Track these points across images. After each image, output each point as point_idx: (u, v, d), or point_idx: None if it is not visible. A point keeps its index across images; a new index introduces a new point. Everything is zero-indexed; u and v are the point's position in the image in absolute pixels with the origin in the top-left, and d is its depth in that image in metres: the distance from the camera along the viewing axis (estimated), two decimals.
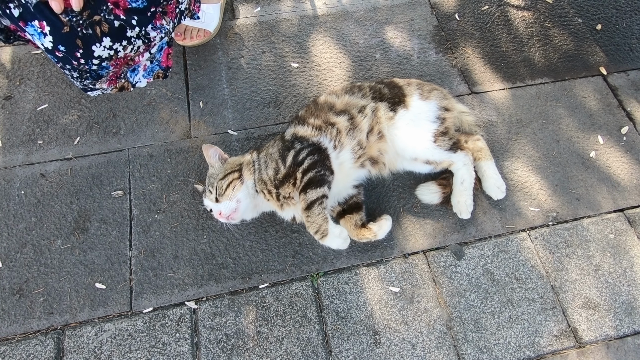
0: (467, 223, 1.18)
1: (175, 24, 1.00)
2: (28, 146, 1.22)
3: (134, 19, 0.83)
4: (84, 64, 0.82)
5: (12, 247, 1.09)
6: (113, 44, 0.82)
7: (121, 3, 0.80)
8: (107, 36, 0.80)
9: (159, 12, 0.89)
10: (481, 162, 1.18)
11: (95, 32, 0.78)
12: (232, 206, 1.01)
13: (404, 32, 1.49)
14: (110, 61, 0.85)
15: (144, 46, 0.91)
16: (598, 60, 1.47)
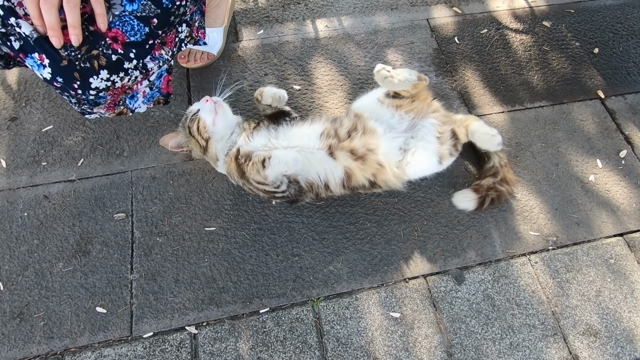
0: (467, 247, 1.18)
1: (174, 53, 1.02)
2: (32, 167, 1.24)
3: (132, 52, 0.84)
4: (81, 94, 0.84)
5: (14, 269, 1.10)
6: (110, 76, 0.83)
7: (120, 37, 0.82)
8: (105, 69, 0.82)
9: (158, 43, 0.91)
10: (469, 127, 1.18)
11: (93, 66, 0.80)
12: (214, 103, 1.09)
13: (404, 54, 1.51)
14: (107, 91, 0.87)
15: (142, 75, 0.92)
16: (596, 84, 1.49)
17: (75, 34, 0.75)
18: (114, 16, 0.80)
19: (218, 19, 1.41)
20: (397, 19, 1.59)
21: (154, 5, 0.82)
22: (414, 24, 1.59)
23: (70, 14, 0.73)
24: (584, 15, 1.65)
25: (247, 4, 1.59)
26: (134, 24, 0.82)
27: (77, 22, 0.74)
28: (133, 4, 0.81)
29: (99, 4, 0.75)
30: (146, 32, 0.84)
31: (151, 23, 0.84)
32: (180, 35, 1.01)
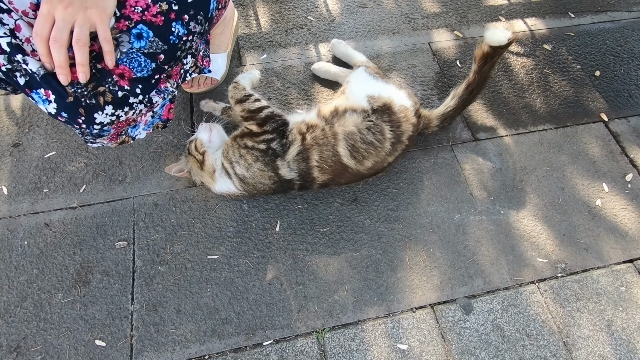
0: (474, 275, 1.16)
1: (179, 84, 1.02)
2: (34, 194, 1.23)
3: (138, 87, 0.85)
4: (85, 128, 0.84)
5: (12, 301, 1.07)
6: (115, 111, 0.84)
7: (126, 74, 0.82)
8: (110, 104, 0.82)
9: (164, 77, 0.91)
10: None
11: (99, 102, 0.80)
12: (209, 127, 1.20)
13: (406, 78, 1.52)
14: (111, 125, 0.87)
15: (147, 109, 0.93)
16: (598, 107, 1.50)
17: (84, 72, 0.75)
18: (121, 53, 0.81)
19: (222, 44, 1.42)
20: (399, 42, 1.61)
21: (161, 41, 0.83)
22: (416, 47, 1.60)
23: (79, 53, 0.73)
24: (584, 38, 1.67)
25: (250, 29, 1.61)
26: (141, 60, 0.82)
27: (86, 61, 0.75)
28: (140, 41, 0.81)
29: (107, 43, 0.76)
30: (153, 67, 0.84)
31: (158, 59, 0.84)
32: (185, 67, 1.01)
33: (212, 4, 0.91)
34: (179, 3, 0.83)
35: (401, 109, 1.18)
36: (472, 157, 1.36)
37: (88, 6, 0.73)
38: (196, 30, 0.89)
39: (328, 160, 1.11)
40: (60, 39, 0.72)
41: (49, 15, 0.72)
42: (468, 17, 1.70)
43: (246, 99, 1.16)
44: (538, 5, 1.76)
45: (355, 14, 1.68)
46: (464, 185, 1.30)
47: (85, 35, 0.74)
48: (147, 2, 0.81)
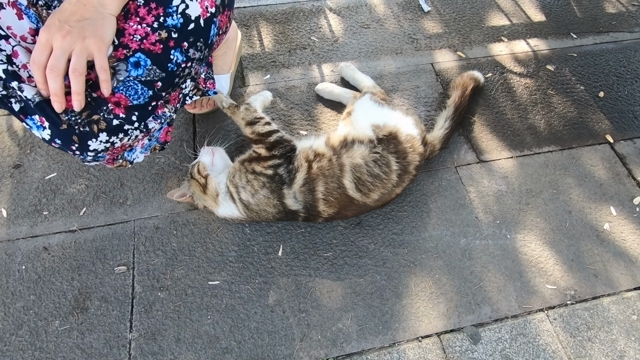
0: (481, 302, 1.13)
1: (178, 109, 1.01)
2: (33, 217, 1.21)
3: (134, 115, 0.84)
4: (79, 155, 0.83)
5: (8, 328, 1.05)
6: (110, 138, 0.83)
7: (122, 102, 0.81)
8: (104, 132, 0.81)
9: (161, 103, 0.90)
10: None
11: (92, 130, 0.80)
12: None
13: (410, 99, 1.52)
14: (106, 152, 0.86)
15: (143, 134, 0.92)
16: (603, 128, 1.49)
17: (78, 100, 0.75)
18: (118, 81, 0.80)
19: (225, 65, 1.42)
20: (402, 63, 1.61)
21: (159, 69, 0.82)
22: (419, 68, 1.60)
23: (75, 82, 0.73)
24: (586, 59, 1.67)
25: (254, 49, 1.62)
26: (138, 88, 0.82)
27: (81, 90, 0.74)
28: (138, 70, 0.81)
29: (104, 72, 0.75)
30: (150, 95, 0.84)
31: (155, 86, 0.84)
32: (184, 91, 1.01)
33: (212, 31, 0.90)
34: (178, 31, 0.82)
35: (408, 138, 1.17)
36: (476, 180, 1.34)
37: (86, 35, 0.73)
38: (195, 57, 0.89)
39: (333, 192, 1.10)
40: (57, 67, 0.72)
41: (47, 44, 0.72)
42: (471, 37, 1.71)
43: (257, 121, 1.17)
44: (540, 26, 1.77)
45: (358, 34, 1.68)
46: (470, 208, 1.29)
47: (82, 65, 0.73)
48: (146, 31, 0.80)
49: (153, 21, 0.80)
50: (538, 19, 1.79)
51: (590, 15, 1.82)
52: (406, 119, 1.23)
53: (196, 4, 0.83)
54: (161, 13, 0.80)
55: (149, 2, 0.80)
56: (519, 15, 1.80)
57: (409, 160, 1.16)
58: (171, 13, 0.81)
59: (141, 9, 0.80)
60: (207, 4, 0.85)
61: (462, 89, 1.40)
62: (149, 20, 0.80)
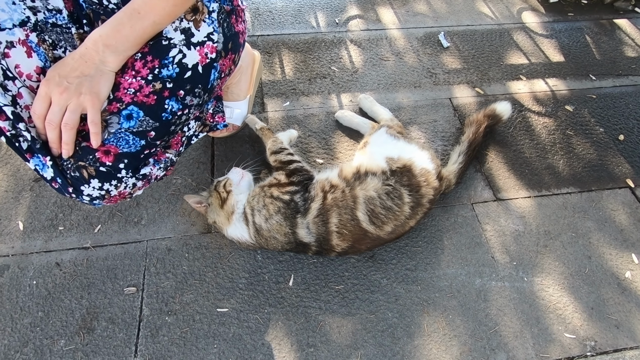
0: (497, 348, 1.09)
1: (182, 151, 1.03)
2: (48, 232, 1.22)
3: (122, 162, 0.84)
4: (76, 198, 0.85)
5: (13, 345, 1.04)
6: (102, 185, 0.84)
7: (112, 150, 0.83)
8: (95, 178, 0.83)
9: (160, 149, 0.92)
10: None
11: (82, 175, 0.81)
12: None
13: (427, 132, 1.52)
14: (102, 200, 0.87)
15: (142, 182, 0.92)
16: (624, 172, 1.46)
17: (67, 150, 0.79)
18: (109, 133, 0.82)
19: (241, 92, 1.44)
20: (420, 97, 1.63)
21: (152, 120, 0.84)
22: (437, 102, 1.61)
23: (66, 134, 0.78)
24: (606, 101, 1.67)
25: (275, 76, 1.65)
26: (129, 139, 0.84)
27: (71, 141, 0.79)
28: (130, 122, 0.83)
29: (94, 126, 0.79)
30: (142, 144, 0.85)
31: (148, 136, 0.85)
32: (187, 134, 1.02)
33: (212, 75, 0.90)
34: (174, 80, 0.84)
35: (422, 172, 1.17)
36: (493, 218, 1.32)
37: (83, 92, 0.77)
38: (193, 104, 0.90)
39: (347, 225, 1.08)
40: (54, 122, 0.77)
41: (46, 96, 0.77)
42: (489, 74, 1.73)
43: (281, 151, 1.25)
44: (559, 66, 1.78)
45: (377, 66, 1.71)
46: (486, 247, 1.26)
47: (74, 120, 0.78)
48: (140, 84, 0.82)
49: (148, 74, 0.82)
50: (557, 60, 1.81)
51: (610, 58, 1.83)
52: (422, 153, 1.23)
53: (194, 53, 0.85)
54: (156, 65, 0.82)
55: (145, 56, 0.83)
56: (538, 55, 1.82)
57: (422, 194, 1.15)
58: (167, 64, 0.83)
59: (137, 63, 0.83)
60: (207, 51, 0.86)
61: (476, 125, 1.41)
62: (143, 73, 0.82)
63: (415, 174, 1.16)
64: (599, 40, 1.91)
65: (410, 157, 1.20)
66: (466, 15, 1.96)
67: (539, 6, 2.04)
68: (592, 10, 2.05)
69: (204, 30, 0.86)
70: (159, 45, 0.83)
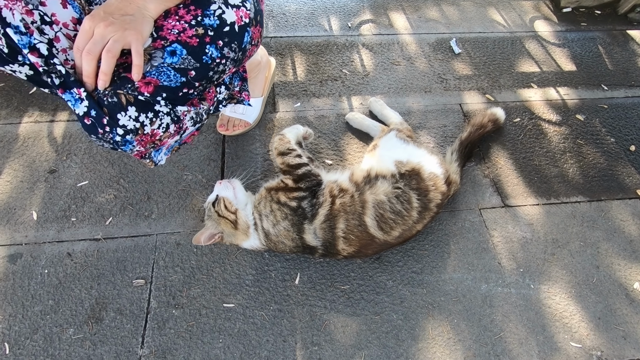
0: (501, 354, 1.09)
1: (211, 111, 1.05)
2: (61, 222, 1.24)
3: (161, 95, 0.86)
4: (109, 132, 0.83)
5: (23, 331, 1.06)
6: (139, 115, 0.84)
7: (152, 82, 0.84)
8: (133, 106, 0.83)
9: (195, 96, 0.94)
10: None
11: (120, 100, 0.81)
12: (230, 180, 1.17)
13: (437, 137, 1.53)
14: (135, 135, 0.85)
15: (175, 127, 0.92)
16: (634, 183, 1.45)
17: (104, 80, 0.79)
18: (152, 66, 0.83)
19: (256, 89, 1.47)
20: (431, 101, 1.63)
21: (193, 59, 0.86)
22: (447, 107, 1.62)
23: (106, 62, 0.78)
24: (617, 111, 1.66)
25: (286, 77, 1.67)
26: (170, 74, 0.85)
27: (109, 71, 0.79)
28: (173, 57, 0.84)
29: (138, 56, 0.79)
30: (182, 81, 0.87)
31: (188, 74, 0.87)
32: (218, 96, 1.05)
33: (246, 37, 0.94)
34: (214, 30, 0.87)
35: (431, 177, 1.17)
36: (501, 224, 1.32)
37: (127, 27, 0.79)
38: (230, 56, 0.92)
39: (354, 230, 1.08)
40: (93, 51, 0.77)
41: (90, 31, 0.77)
42: (500, 81, 1.73)
43: (289, 152, 1.18)
44: (570, 76, 1.78)
45: (388, 70, 1.73)
46: (492, 253, 1.26)
47: (117, 48, 0.78)
48: (184, 26, 0.85)
49: (191, 19, 0.85)
50: (569, 69, 1.81)
51: (622, 69, 1.83)
52: (431, 158, 1.24)
53: (232, 12, 0.88)
54: (199, 14, 0.86)
55: (188, 5, 0.86)
56: (550, 64, 1.82)
57: (430, 198, 1.16)
58: (209, 14, 0.86)
59: (181, 10, 0.86)
60: (242, 14, 0.90)
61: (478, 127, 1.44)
62: (187, 18, 0.85)
63: (423, 178, 1.17)
64: (611, 50, 1.90)
65: (419, 161, 1.20)
66: (478, 23, 1.97)
67: (552, 15, 2.05)
68: (605, 21, 2.04)
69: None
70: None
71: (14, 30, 0.75)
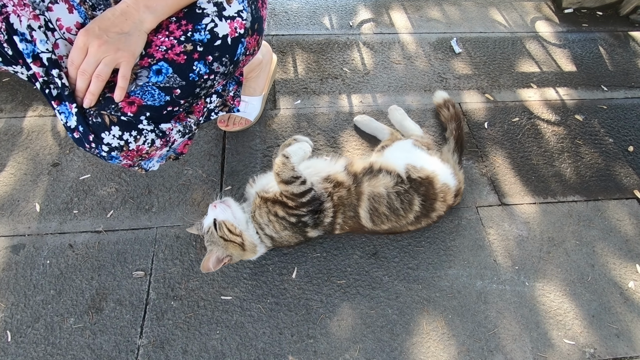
0: (495, 350, 1.10)
1: (201, 122, 1.06)
2: (63, 214, 1.26)
3: (145, 114, 0.86)
4: (94, 149, 0.86)
5: (25, 320, 1.08)
6: (123, 134, 0.85)
7: (136, 102, 0.85)
8: (116, 125, 0.84)
9: (182, 111, 0.94)
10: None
11: (104, 121, 0.83)
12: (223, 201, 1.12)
13: (435, 135, 1.54)
14: (120, 152, 0.87)
15: (161, 141, 0.93)
16: (632, 183, 1.46)
17: (89, 99, 0.82)
18: (137, 86, 0.84)
19: (257, 88, 1.48)
20: (430, 100, 1.64)
21: (179, 78, 0.87)
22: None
23: (94, 85, 0.81)
24: (616, 112, 1.67)
25: (287, 75, 1.69)
26: (155, 93, 0.86)
27: (97, 92, 0.82)
28: (158, 77, 0.85)
29: (123, 80, 0.81)
30: (166, 100, 0.87)
31: (173, 93, 0.87)
32: (209, 106, 1.05)
33: (239, 49, 0.94)
34: (204, 45, 0.87)
35: (443, 188, 1.16)
36: (497, 222, 1.33)
37: (120, 48, 0.80)
38: (219, 71, 0.92)
39: (349, 221, 1.12)
40: (87, 71, 0.80)
41: (84, 47, 0.80)
42: (500, 81, 1.74)
43: (293, 181, 1.06)
44: (570, 76, 1.78)
45: (389, 69, 1.74)
46: (488, 250, 1.27)
47: (106, 72, 0.81)
48: (172, 42, 0.86)
49: (181, 35, 0.86)
50: (569, 69, 1.81)
51: (623, 70, 1.83)
52: (445, 169, 1.21)
53: (225, 25, 0.88)
54: (190, 29, 0.86)
55: (180, 20, 0.87)
56: (550, 64, 1.82)
57: (435, 207, 1.17)
58: (199, 29, 0.86)
59: (172, 25, 0.86)
60: (237, 26, 0.90)
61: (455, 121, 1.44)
62: (177, 34, 0.86)
63: (435, 187, 1.16)
64: (612, 51, 1.90)
65: (434, 169, 1.18)
66: (479, 23, 1.98)
67: (553, 16, 2.05)
68: (607, 22, 2.05)
69: (235, 7, 0.90)
70: (193, 13, 0.87)
71: (20, 37, 0.77)
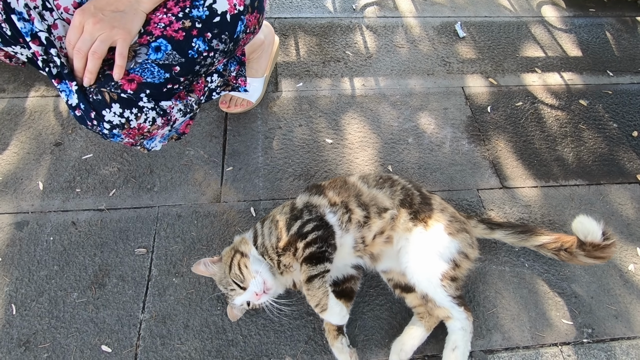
0: (493, 328, 1.11)
1: (202, 101, 1.05)
2: (66, 193, 1.28)
3: (145, 92, 0.86)
4: (96, 126, 0.86)
5: (30, 294, 1.10)
6: (123, 111, 0.85)
7: (136, 79, 0.85)
8: (117, 103, 0.84)
9: (182, 89, 0.94)
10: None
11: (104, 98, 0.83)
12: (258, 280, 0.98)
13: (437, 119, 1.53)
14: (122, 130, 0.87)
15: (162, 120, 0.93)
16: (635, 168, 1.45)
17: (89, 78, 0.81)
18: (136, 63, 0.84)
19: (260, 69, 1.48)
20: (433, 84, 1.63)
21: (178, 55, 0.86)
22: (449, 90, 1.62)
23: (91, 62, 0.80)
24: (622, 97, 1.65)
25: (289, 58, 1.68)
26: (154, 70, 0.85)
27: (95, 70, 0.81)
28: (158, 54, 0.85)
29: (121, 58, 0.81)
30: (166, 77, 0.87)
31: (173, 70, 0.87)
32: (210, 85, 1.05)
33: (239, 27, 0.93)
34: (203, 22, 0.86)
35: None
36: (498, 205, 1.33)
37: (115, 26, 0.80)
38: (219, 48, 0.91)
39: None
40: (82, 50, 0.80)
41: (80, 26, 0.79)
42: (504, 65, 1.72)
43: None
44: (576, 61, 1.76)
45: (392, 52, 1.73)
46: None
47: (102, 50, 0.80)
48: (170, 19, 0.85)
49: (179, 11, 0.85)
50: (574, 54, 1.79)
51: (629, 55, 1.81)
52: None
53: (224, 1, 0.87)
54: (188, 5, 0.85)
55: None
56: (555, 49, 1.80)
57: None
58: (197, 5, 0.85)
59: (170, 2, 0.86)
60: (236, 2, 0.89)
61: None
62: (174, 10, 0.85)
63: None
64: (619, 37, 1.88)
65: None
66: (484, 7, 1.95)
67: (560, 1, 2.02)
68: (614, 7, 2.01)
69: None
70: None
71: (18, 16, 0.77)
